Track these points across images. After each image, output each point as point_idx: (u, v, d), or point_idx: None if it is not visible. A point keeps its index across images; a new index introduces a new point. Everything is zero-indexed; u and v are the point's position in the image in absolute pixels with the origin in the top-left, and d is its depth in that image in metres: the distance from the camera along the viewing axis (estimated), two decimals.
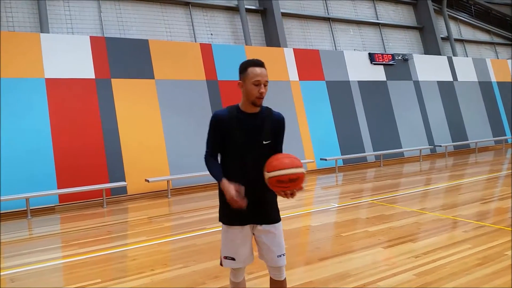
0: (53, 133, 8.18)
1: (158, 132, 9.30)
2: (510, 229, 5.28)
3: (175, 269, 4.34)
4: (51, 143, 8.11)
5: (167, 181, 8.75)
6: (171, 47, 10.13)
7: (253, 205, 2.47)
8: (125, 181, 8.47)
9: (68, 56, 8.71)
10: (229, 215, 2.56)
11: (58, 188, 7.93)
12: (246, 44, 12.08)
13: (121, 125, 8.90)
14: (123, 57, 9.34)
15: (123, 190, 8.57)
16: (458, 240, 4.88)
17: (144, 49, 9.66)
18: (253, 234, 2.61)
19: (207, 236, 5.56)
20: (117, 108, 8.96)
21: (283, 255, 2.60)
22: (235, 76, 10.68)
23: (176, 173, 9.09)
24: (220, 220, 2.66)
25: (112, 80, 9.06)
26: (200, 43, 10.61)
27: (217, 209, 2.76)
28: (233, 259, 2.59)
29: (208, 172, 2.60)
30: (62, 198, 8.02)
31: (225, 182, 2.42)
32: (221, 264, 2.67)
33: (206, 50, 10.51)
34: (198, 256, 4.69)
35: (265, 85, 2.50)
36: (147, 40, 9.80)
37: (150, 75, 9.54)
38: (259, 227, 2.56)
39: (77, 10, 10.08)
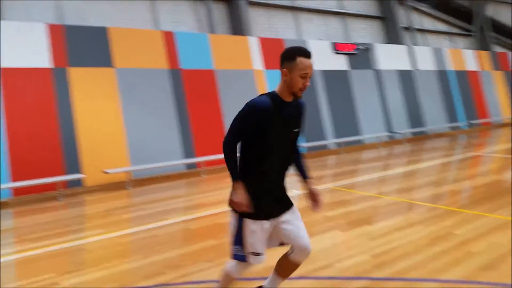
0: (7, 124, 7.83)
1: (118, 122, 9.07)
2: (460, 209, 5.53)
3: (134, 261, 4.28)
4: (6, 135, 7.76)
5: (127, 172, 8.57)
6: (132, 35, 9.87)
7: (279, 196, 2.54)
8: (82, 173, 8.23)
9: (24, 45, 8.32)
10: (257, 208, 2.45)
11: (13, 181, 7.62)
12: (211, 33, 11.93)
13: (79, 115, 8.63)
14: (82, 46, 9.01)
15: (80, 182, 8.34)
16: (412, 221, 5.06)
17: (104, 37, 9.35)
18: (275, 225, 2.55)
19: (168, 227, 5.50)
20: (74, 98, 8.66)
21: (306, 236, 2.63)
22: (199, 64, 10.63)
23: (137, 164, 8.93)
24: (241, 216, 2.49)
25: (70, 69, 8.74)
26: (162, 31, 10.39)
27: (178, 200, 2.73)
28: (259, 254, 2.50)
29: (171, 163, 2.53)
30: (17, 191, 7.71)
31: (240, 187, 2.38)
32: (244, 260, 2.52)
33: (169, 38, 10.31)
34: (159, 247, 4.64)
35: (310, 78, 2.40)
36: (107, 28, 9.49)
37: (110, 64, 9.27)
38: (284, 215, 2.54)
39: None
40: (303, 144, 11.65)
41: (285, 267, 2.71)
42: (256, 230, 2.46)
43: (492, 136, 15.26)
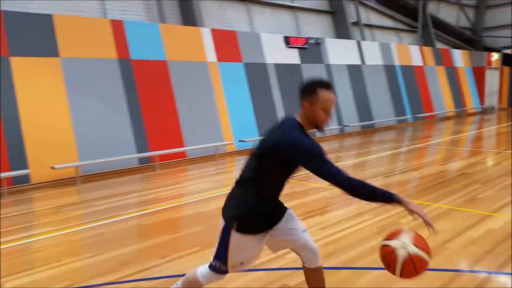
0: None
1: (65, 115, 8.71)
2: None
3: (84, 259, 4.17)
4: None
5: (76, 167, 8.29)
6: (79, 23, 9.46)
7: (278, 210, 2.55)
8: (28, 169, 7.87)
9: None
10: (258, 223, 2.42)
11: None
12: (161, 22, 11.68)
13: (23, 108, 8.20)
14: (24, 34, 8.54)
15: (26, 178, 7.96)
16: (361, 211, 5.28)
17: (48, 25, 8.91)
18: (273, 233, 2.53)
19: (119, 223, 5.40)
20: (17, 89, 8.22)
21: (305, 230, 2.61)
22: (149, 55, 10.39)
23: (86, 158, 8.64)
24: (241, 231, 2.37)
25: (11, 58, 8.26)
26: (110, 20, 10.05)
27: (131, 195, 2.68)
28: (242, 264, 2.47)
29: (123, 157, 2.41)
30: None
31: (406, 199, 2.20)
32: (226, 272, 2.49)
33: (118, 26, 9.98)
34: (110, 244, 4.55)
35: (332, 110, 2.36)
36: (51, 15, 9.05)
37: (55, 53, 8.86)
38: (280, 223, 2.52)
39: None
40: (255, 138, 11.76)
41: (312, 279, 2.64)
42: (250, 243, 2.40)
43: (436, 129, 16.09)
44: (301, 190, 6.73)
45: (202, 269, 2.57)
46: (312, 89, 2.29)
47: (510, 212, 5.07)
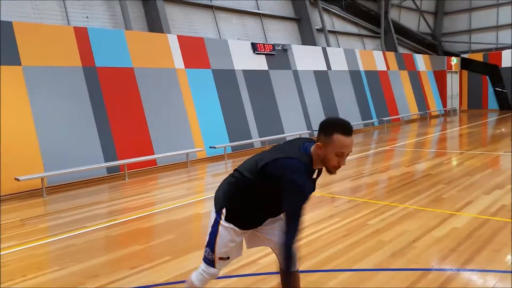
0: None
1: (28, 124, 8.44)
2: (374, 201, 5.96)
3: (50, 272, 4.05)
4: None
5: (41, 178, 8.03)
6: (41, 31, 9.21)
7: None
8: None
9: None
10: (249, 224, 2.47)
11: None
12: (126, 29, 11.54)
13: None
14: None
15: None
16: (329, 214, 5.37)
17: (8, 33, 8.63)
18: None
19: (88, 235, 5.26)
20: None
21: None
22: (115, 62, 10.24)
23: (52, 169, 8.39)
24: (231, 222, 2.40)
25: None
26: (74, 27, 9.83)
27: (99, 206, 2.62)
28: (228, 258, 2.48)
29: (90, 167, 2.33)
30: None
31: None
32: (213, 266, 2.48)
33: (81, 34, 9.77)
34: (77, 256, 4.43)
35: (347, 155, 2.19)
36: (11, 22, 8.77)
37: (17, 62, 8.59)
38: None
39: None
40: (226, 144, 11.76)
41: (287, 283, 2.57)
42: (235, 237, 2.45)
43: (402, 131, 16.56)
44: None
45: (194, 272, 2.59)
46: (329, 131, 2.15)
47: (473, 211, 5.28)
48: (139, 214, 6.10)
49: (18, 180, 7.67)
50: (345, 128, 2.13)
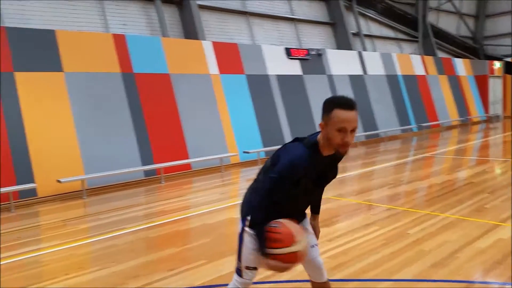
0: None
1: (70, 129, 8.76)
2: (413, 210, 5.80)
3: (92, 272, 4.16)
4: None
5: (82, 181, 8.30)
6: (81, 38, 9.56)
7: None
8: (34, 183, 7.89)
9: None
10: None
11: None
12: (163, 36, 11.79)
13: (28, 122, 8.25)
14: (28, 49, 8.62)
15: (33, 192, 7.97)
16: (368, 222, 5.25)
17: (51, 40, 9.01)
18: None
19: (126, 236, 5.39)
20: (22, 104, 8.28)
21: (316, 245, 2.51)
22: (152, 68, 10.47)
23: (92, 171, 8.66)
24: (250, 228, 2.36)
25: (16, 73, 8.34)
26: (113, 34, 10.15)
27: (137, 208, 2.65)
28: (255, 268, 2.36)
29: (128, 170, 2.32)
30: None
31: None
32: (241, 276, 2.39)
33: (120, 41, 10.08)
34: (117, 257, 4.54)
35: (352, 131, 2.10)
36: (54, 31, 9.16)
37: (59, 68, 8.94)
38: None
39: None
40: (260, 149, 11.76)
41: None
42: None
43: (442, 138, 16.07)
44: None
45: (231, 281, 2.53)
46: (328, 107, 2.12)
47: None
48: (175, 217, 6.19)
49: (60, 182, 7.95)
50: (344, 102, 2.09)
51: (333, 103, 2.11)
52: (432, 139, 15.87)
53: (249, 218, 2.31)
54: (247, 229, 2.32)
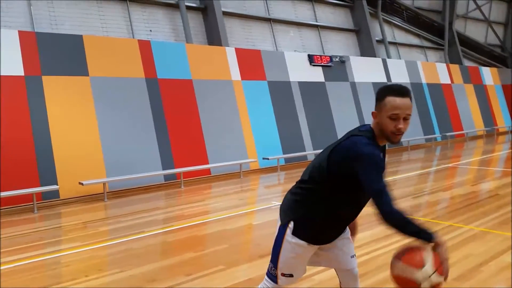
0: None
1: (93, 132, 8.92)
2: (436, 221, 5.65)
3: (111, 274, 4.19)
4: None
5: (103, 183, 8.42)
6: (108, 44, 9.77)
7: (341, 229, 2.36)
8: (57, 185, 8.05)
9: None
10: (320, 236, 2.28)
11: None
12: (187, 42, 11.93)
13: (53, 125, 8.45)
14: (55, 54, 8.86)
15: (56, 194, 8.13)
16: (390, 233, 5.12)
17: (78, 45, 9.22)
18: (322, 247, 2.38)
19: (145, 240, 5.42)
20: (48, 107, 8.48)
21: (355, 255, 2.45)
22: (176, 74, 10.59)
23: (113, 175, 8.78)
24: (299, 237, 2.24)
25: (43, 77, 8.57)
26: (138, 40, 10.33)
27: (156, 212, 2.63)
28: (291, 275, 2.30)
29: (149, 174, 2.22)
30: None
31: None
32: (276, 282, 2.33)
33: (145, 47, 10.24)
34: (136, 260, 4.56)
35: (405, 119, 2.04)
36: (81, 36, 9.38)
37: (85, 72, 9.14)
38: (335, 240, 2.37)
39: (4, 3, 9.42)
40: (280, 155, 11.71)
41: None
42: (301, 252, 2.27)
43: (466, 148, 15.69)
44: None
45: (261, 283, 2.47)
46: (381, 95, 2.08)
47: None
48: (194, 222, 6.19)
49: (82, 184, 8.09)
50: (397, 88, 2.05)
51: (386, 90, 2.07)
52: (456, 149, 15.51)
53: (292, 224, 2.24)
54: (288, 236, 2.25)
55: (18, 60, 8.35)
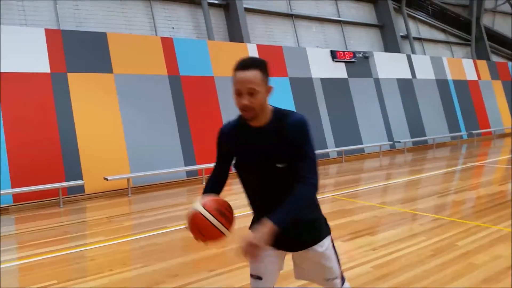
0: (5, 130, 7.81)
1: (118, 128, 9.06)
2: (462, 221, 5.51)
3: (135, 269, 4.25)
4: (4, 141, 7.73)
5: (127, 179, 8.54)
6: (131, 41, 9.89)
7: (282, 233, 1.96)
8: (82, 180, 8.21)
9: (22, 50, 8.31)
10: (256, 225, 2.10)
11: (12, 187, 7.58)
12: (209, 39, 11.96)
13: (78, 121, 8.61)
14: (80, 51, 9.02)
15: (81, 189, 8.30)
16: (414, 232, 5.04)
17: (102, 43, 9.37)
18: (295, 260, 2.19)
19: (168, 235, 5.47)
20: (73, 103, 8.65)
21: (334, 279, 2.12)
22: (198, 71, 10.64)
23: (137, 170, 8.89)
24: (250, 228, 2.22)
25: (69, 74, 8.74)
26: (161, 37, 10.41)
27: (179, 207, 2.62)
28: (260, 278, 2.11)
29: (171, 170, 2.27)
30: (17, 197, 7.67)
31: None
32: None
33: (168, 44, 10.32)
34: (159, 255, 4.61)
35: (251, 94, 1.85)
36: (105, 33, 9.52)
37: (109, 69, 9.28)
38: (297, 254, 2.13)
39: (31, 2, 9.64)
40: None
41: None
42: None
43: (493, 146, 15.26)
44: (349, 208, 6.55)
45: None
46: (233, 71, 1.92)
47: None
48: None
49: (107, 179, 8.23)
50: (240, 62, 1.87)
51: (235, 67, 1.89)
52: (483, 147, 15.10)
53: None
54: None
55: (45, 57, 8.54)
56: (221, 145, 2.15)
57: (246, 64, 1.85)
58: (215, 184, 2.27)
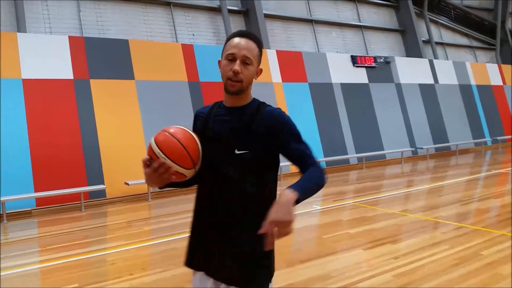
0: (30, 135, 8.00)
1: (138, 134, 9.17)
2: (487, 229, 5.36)
3: (154, 273, 4.27)
4: (28, 145, 7.92)
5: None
6: (152, 48, 10.03)
7: (217, 250, 1.73)
8: (104, 184, 8.32)
9: (46, 56, 8.53)
10: (189, 252, 1.84)
11: (35, 191, 7.75)
12: None
13: (100, 127, 8.76)
14: (103, 58, 9.19)
15: (102, 193, 8.42)
16: (437, 241, 4.92)
17: (124, 50, 9.53)
18: None
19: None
20: (96, 109, 8.81)
21: None
22: (217, 77, 10.65)
23: None
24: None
25: (91, 80, 8.90)
26: (181, 44, 10.52)
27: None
28: None
29: None
30: (39, 201, 7.83)
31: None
32: None
33: (188, 50, 10.43)
34: (178, 260, 4.61)
35: (246, 63, 1.69)
36: (127, 40, 9.68)
37: (130, 76, 9.42)
38: (222, 286, 1.73)
39: (55, 10, 9.89)
40: (321, 159, 11.53)
41: None
42: (192, 282, 1.82)
43: None
44: (370, 215, 6.45)
45: None
46: (225, 43, 1.75)
47: None
48: None
49: (128, 184, 8.32)
50: (238, 31, 1.74)
51: (231, 36, 1.75)
52: (508, 153, 14.69)
53: None
54: None
55: (68, 64, 8.73)
56: (194, 126, 1.93)
57: (246, 33, 1.74)
58: None
